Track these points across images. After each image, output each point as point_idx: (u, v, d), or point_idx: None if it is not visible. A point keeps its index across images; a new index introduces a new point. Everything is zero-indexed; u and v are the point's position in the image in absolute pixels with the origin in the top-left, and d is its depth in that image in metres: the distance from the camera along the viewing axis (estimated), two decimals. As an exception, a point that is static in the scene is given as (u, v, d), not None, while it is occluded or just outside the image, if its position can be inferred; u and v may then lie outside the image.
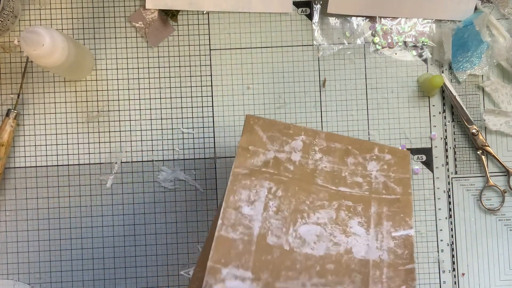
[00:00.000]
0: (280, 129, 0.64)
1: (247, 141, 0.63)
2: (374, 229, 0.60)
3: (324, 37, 0.77)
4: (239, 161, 0.62)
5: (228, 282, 0.56)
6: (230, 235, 0.58)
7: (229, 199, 0.60)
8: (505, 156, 0.77)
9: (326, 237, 0.59)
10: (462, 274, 0.76)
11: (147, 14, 0.76)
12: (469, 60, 0.76)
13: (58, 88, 0.76)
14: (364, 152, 0.63)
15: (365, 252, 0.58)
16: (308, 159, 0.63)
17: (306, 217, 0.60)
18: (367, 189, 0.62)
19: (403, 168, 0.63)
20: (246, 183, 0.61)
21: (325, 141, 0.64)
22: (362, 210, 0.61)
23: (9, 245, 0.75)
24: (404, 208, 0.61)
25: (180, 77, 0.76)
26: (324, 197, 0.61)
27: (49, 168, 0.75)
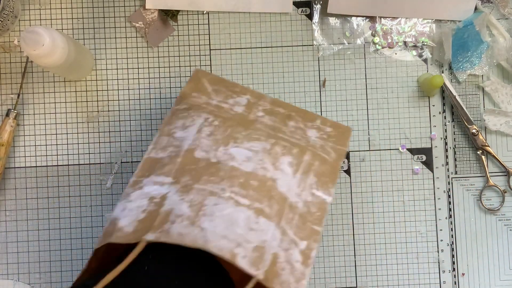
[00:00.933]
0: (227, 85, 0.62)
1: (191, 88, 0.61)
2: (300, 176, 0.58)
3: (324, 37, 0.77)
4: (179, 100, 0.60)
5: (146, 187, 0.55)
6: (159, 155, 0.57)
7: (163, 129, 0.58)
8: (505, 156, 0.77)
9: (255, 161, 0.57)
10: (462, 274, 0.76)
11: (147, 14, 0.76)
12: (469, 60, 0.76)
13: (58, 88, 0.76)
14: (307, 120, 0.62)
15: (286, 190, 0.57)
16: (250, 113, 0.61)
17: (239, 142, 0.58)
18: (305, 141, 0.61)
19: (342, 141, 0.62)
20: (183, 115, 0.59)
21: (270, 104, 0.62)
22: (296, 153, 0.59)
23: (9, 245, 0.75)
24: (330, 173, 0.60)
25: (180, 77, 0.76)
26: (262, 134, 0.59)
27: (49, 168, 0.75)
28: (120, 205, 0.55)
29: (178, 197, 0.53)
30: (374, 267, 0.75)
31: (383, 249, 0.75)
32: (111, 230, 0.53)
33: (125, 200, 0.55)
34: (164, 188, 0.55)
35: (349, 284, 0.75)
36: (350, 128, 0.63)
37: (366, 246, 0.75)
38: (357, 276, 0.75)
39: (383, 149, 0.76)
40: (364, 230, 0.76)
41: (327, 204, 0.58)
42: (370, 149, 0.76)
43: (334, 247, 0.75)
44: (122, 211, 0.54)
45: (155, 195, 0.54)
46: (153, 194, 0.54)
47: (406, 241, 0.76)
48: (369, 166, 0.76)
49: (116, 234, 0.52)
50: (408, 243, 0.76)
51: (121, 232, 0.52)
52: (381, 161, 0.76)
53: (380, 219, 0.76)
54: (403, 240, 0.76)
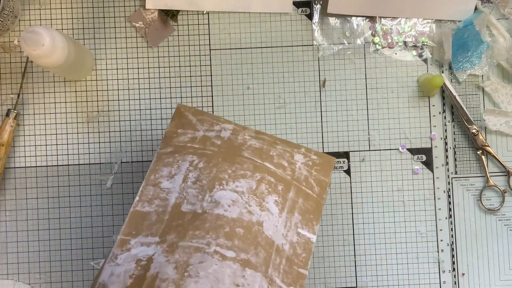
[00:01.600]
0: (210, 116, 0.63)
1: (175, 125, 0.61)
2: (286, 215, 0.58)
3: (324, 37, 0.77)
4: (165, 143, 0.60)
5: (133, 249, 0.55)
6: (145, 209, 0.57)
7: (149, 178, 0.58)
8: (505, 156, 0.77)
9: (241, 204, 0.57)
10: (462, 274, 0.76)
11: (147, 14, 0.76)
12: (469, 60, 0.76)
13: (58, 88, 0.76)
14: (292, 147, 0.62)
15: (273, 232, 0.57)
16: (238, 136, 0.61)
17: (225, 184, 0.58)
18: (290, 174, 0.60)
19: (325, 171, 0.62)
20: (169, 161, 0.59)
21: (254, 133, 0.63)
22: (282, 190, 0.59)
23: (9, 245, 0.75)
24: (314, 210, 0.60)
25: (180, 77, 0.76)
26: (248, 167, 0.59)
27: (49, 168, 0.75)
28: (108, 269, 0.55)
29: (164, 258, 0.54)
30: (374, 267, 0.75)
31: (383, 249, 0.75)
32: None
33: (113, 263, 0.55)
34: (150, 249, 0.55)
35: (349, 284, 0.75)
36: (333, 158, 0.63)
37: (366, 246, 0.75)
38: (357, 276, 0.75)
39: (383, 149, 0.76)
40: (364, 230, 0.76)
41: (312, 244, 0.58)
42: (370, 149, 0.76)
43: (334, 247, 0.75)
44: (110, 277, 0.54)
45: (142, 257, 0.54)
46: (140, 256, 0.55)
47: (406, 241, 0.76)
48: (369, 166, 0.76)
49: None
50: (408, 243, 0.76)
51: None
52: (381, 161, 0.76)
53: (380, 219, 0.76)
54: (403, 240, 0.76)
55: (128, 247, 0.56)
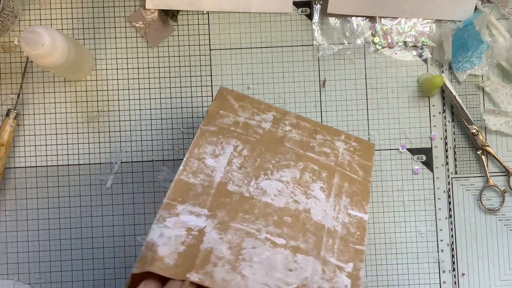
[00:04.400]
0: (252, 102, 0.64)
1: (218, 106, 0.62)
2: (333, 199, 0.60)
3: (324, 37, 0.77)
4: (208, 120, 0.61)
5: (182, 216, 0.55)
6: (191, 180, 0.57)
7: (193, 151, 0.59)
8: (505, 156, 0.77)
9: (287, 193, 0.58)
10: (462, 274, 0.76)
11: (147, 14, 0.76)
12: (469, 60, 0.76)
13: (58, 88, 0.76)
14: (332, 134, 0.64)
15: (322, 217, 0.58)
16: (278, 128, 0.63)
17: (270, 174, 0.59)
18: (334, 160, 0.62)
19: (367, 156, 0.64)
20: (213, 140, 0.60)
21: (295, 119, 0.64)
22: (326, 177, 0.61)
23: (9, 245, 0.75)
24: (362, 192, 0.61)
25: (180, 77, 0.76)
26: (291, 157, 0.61)
27: (49, 168, 0.75)
28: (156, 229, 0.54)
29: (217, 235, 0.54)
30: (374, 267, 0.75)
31: (383, 249, 0.75)
32: (150, 256, 0.52)
33: (162, 225, 0.54)
34: (201, 220, 0.55)
35: (349, 284, 0.75)
36: (373, 144, 0.64)
37: (366, 246, 0.75)
38: (357, 276, 0.75)
39: (383, 149, 0.76)
40: (364, 230, 0.76)
41: (365, 222, 0.60)
42: (370, 149, 0.76)
43: (334, 247, 0.75)
44: (160, 237, 0.53)
45: (192, 227, 0.54)
46: (190, 225, 0.54)
47: (406, 241, 0.76)
48: (369, 166, 0.76)
49: (157, 264, 0.52)
50: (408, 243, 0.76)
51: (162, 262, 0.52)
52: (381, 161, 0.76)
53: (380, 219, 0.76)
54: (403, 240, 0.76)
55: (176, 212, 0.55)
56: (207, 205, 0.56)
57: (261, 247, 0.54)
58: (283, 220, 0.57)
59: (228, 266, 0.52)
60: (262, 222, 0.56)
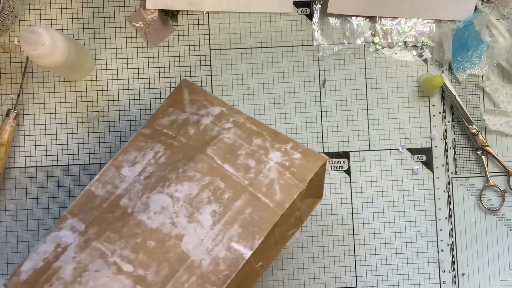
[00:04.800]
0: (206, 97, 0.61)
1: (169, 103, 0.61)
2: (220, 227, 0.54)
3: (324, 37, 0.77)
4: (149, 122, 0.60)
5: (63, 231, 0.56)
6: (97, 192, 0.57)
7: (117, 157, 0.59)
8: (505, 156, 0.77)
9: (168, 213, 0.55)
10: (462, 274, 0.76)
11: (147, 14, 0.76)
12: (469, 60, 0.76)
13: (58, 88, 0.76)
14: (276, 141, 0.57)
15: (193, 247, 0.54)
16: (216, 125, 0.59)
17: (166, 186, 0.56)
18: (251, 178, 0.56)
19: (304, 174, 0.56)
20: (141, 145, 0.59)
21: (244, 119, 0.59)
22: (227, 199, 0.55)
23: (9, 245, 0.75)
24: (263, 222, 0.54)
25: (180, 77, 0.76)
26: (201, 168, 0.57)
27: (49, 168, 0.75)
28: (40, 242, 0.56)
29: (73, 253, 0.55)
30: (374, 267, 0.75)
31: (383, 249, 0.75)
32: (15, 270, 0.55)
33: (44, 238, 0.56)
34: (72, 237, 0.56)
35: (349, 284, 0.75)
36: (323, 159, 0.56)
37: (366, 246, 0.75)
38: (357, 276, 0.75)
39: (383, 149, 0.76)
40: (364, 230, 0.76)
41: (243, 260, 0.53)
42: (370, 149, 0.76)
43: (334, 247, 0.75)
44: (33, 251, 0.56)
45: (62, 243, 0.56)
46: (62, 241, 0.56)
47: (406, 241, 0.76)
48: (369, 166, 0.76)
49: (13, 278, 0.55)
50: (408, 243, 0.76)
51: (17, 277, 0.55)
52: (381, 161, 0.76)
53: (380, 219, 0.76)
54: (403, 240, 0.76)
55: (62, 226, 0.56)
56: (88, 220, 0.56)
57: (104, 271, 0.54)
58: (145, 244, 0.54)
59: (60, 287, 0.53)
60: (122, 243, 0.54)
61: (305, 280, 0.75)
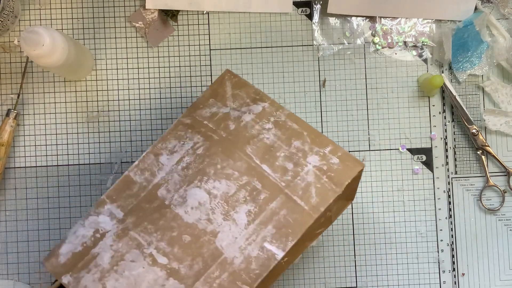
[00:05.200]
0: (249, 91, 0.60)
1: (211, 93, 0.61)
2: (254, 226, 0.55)
3: (324, 37, 0.77)
4: (189, 111, 0.60)
5: (101, 216, 0.57)
6: (135, 178, 0.58)
7: (156, 145, 0.59)
8: (505, 156, 0.77)
9: (205, 209, 0.56)
10: (462, 274, 0.76)
11: (147, 14, 0.76)
12: (469, 60, 0.76)
13: (58, 88, 0.76)
14: (315, 144, 0.58)
15: (227, 244, 0.55)
16: (257, 124, 0.59)
17: (204, 181, 0.57)
18: (287, 181, 0.56)
19: (341, 179, 0.56)
20: (181, 134, 0.59)
21: (285, 117, 0.59)
22: (263, 199, 0.56)
23: (9, 245, 0.75)
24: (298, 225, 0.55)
25: (180, 77, 0.76)
26: (240, 167, 0.57)
27: (49, 168, 0.75)
28: (76, 225, 0.57)
29: (110, 241, 0.56)
30: (374, 267, 0.75)
31: (383, 249, 0.75)
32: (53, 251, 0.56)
33: (82, 221, 0.57)
34: (110, 224, 0.56)
35: (349, 284, 0.75)
36: (362, 165, 0.57)
37: (366, 246, 0.75)
38: (357, 276, 0.75)
39: (383, 149, 0.76)
40: (364, 230, 0.76)
41: (275, 261, 0.54)
42: (370, 149, 0.76)
43: (334, 247, 0.75)
44: (72, 234, 0.57)
45: (100, 229, 0.56)
46: (100, 226, 0.56)
47: (406, 241, 0.76)
48: (369, 166, 0.76)
49: (51, 260, 0.56)
50: (408, 243, 0.76)
51: (56, 259, 0.56)
52: (381, 161, 0.76)
53: (380, 219, 0.76)
54: (403, 240, 0.76)
55: (100, 211, 0.57)
56: (127, 209, 0.57)
57: (139, 261, 0.55)
58: (180, 238, 0.55)
59: (97, 275, 0.54)
60: (158, 235, 0.55)
61: (305, 280, 0.75)
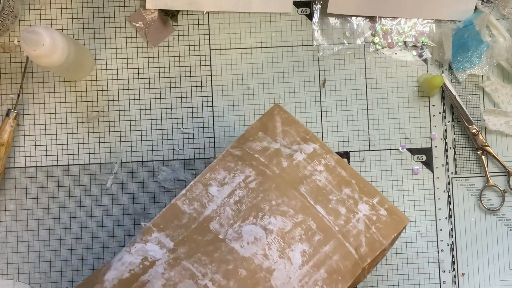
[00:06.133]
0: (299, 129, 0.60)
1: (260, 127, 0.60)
2: (309, 268, 0.54)
3: (324, 37, 0.77)
4: (239, 142, 0.59)
5: (149, 244, 0.55)
6: (183, 207, 0.57)
7: (205, 174, 0.58)
8: (505, 156, 0.77)
9: (261, 244, 0.54)
10: (462, 274, 0.76)
11: (147, 14, 0.76)
12: (469, 60, 0.76)
13: (58, 88, 0.76)
14: (363, 193, 0.58)
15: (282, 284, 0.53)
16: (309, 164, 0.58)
17: (260, 217, 0.56)
18: (341, 224, 0.56)
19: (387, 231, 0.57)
20: (230, 166, 0.58)
21: (335, 162, 0.59)
22: (317, 241, 0.55)
23: (9, 245, 0.75)
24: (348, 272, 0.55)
25: (180, 77, 0.76)
26: (295, 205, 0.56)
27: (49, 168, 0.75)
28: (122, 252, 0.56)
29: (162, 269, 0.54)
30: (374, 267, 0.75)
31: (383, 249, 0.75)
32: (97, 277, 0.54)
33: (128, 249, 0.55)
34: (160, 252, 0.55)
35: (349, 284, 0.75)
36: (406, 220, 0.57)
37: (366, 246, 0.75)
38: (357, 276, 0.75)
39: (383, 149, 0.76)
40: (364, 230, 0.76)
41: None
42: (370, 149, 0.76)
43: (334, 247, 0.75)
44: (118, 261, 0.55)
45: (149, 257, 0.55)
46: (149, 254, 0.55)
47: (406, 241, 0.76)
48: (369, 166, 0.76)
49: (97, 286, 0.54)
50: (408, 243, 0.76)
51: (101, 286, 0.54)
52: (381, 161, 0.76)
53: (380, 219, 0.76)
54: (403, 240, 0.76)
55: (148, 239, 0.55)
56: (177, 239, 0.55)
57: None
58: (236, 272, 0.53)
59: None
60: (213, 267, 0.54)
61: (305, 280, 0.75)
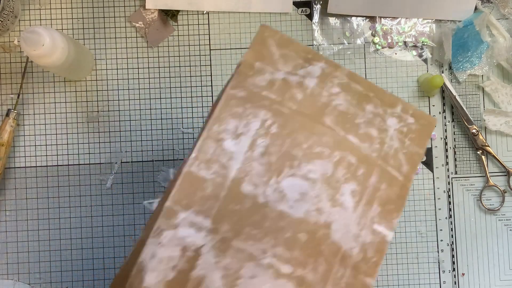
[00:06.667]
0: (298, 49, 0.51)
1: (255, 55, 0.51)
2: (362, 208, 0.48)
3: (324, 37, 0.77)
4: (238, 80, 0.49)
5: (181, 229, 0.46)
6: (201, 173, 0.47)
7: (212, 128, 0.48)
8: (505, 156, 0.77)
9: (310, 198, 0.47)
10: (462, 274, 0.76)
11: (147, 14, 0.76)
12: (469, 60, 0.76)
13: (58, 88, 0.76)
14: (386, 105, 0.51)
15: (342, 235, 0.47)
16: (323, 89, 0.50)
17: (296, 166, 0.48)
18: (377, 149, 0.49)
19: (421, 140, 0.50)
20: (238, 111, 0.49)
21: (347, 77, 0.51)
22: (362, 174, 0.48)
23: (9, 245, 0.75)
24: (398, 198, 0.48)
25: (180, 77, 0.76)
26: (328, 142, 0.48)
27: (49, 168, 0.75)
28: (151, 246, 0.46)
29: (213, 257, 0.46)
30: (374, 267, 0.75)
31: (383, 249, 0.75)
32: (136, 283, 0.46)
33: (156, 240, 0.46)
34: (200, 236, 0.46)
35: (349, 284, 0.75)
36: (434, 120, 0.51)
37: (366, 246, 0.75)
38: (357, 276, 0.75)
39: (383, 149, 0.76)
40: (364, 230, 0.76)
41: (387, 244, 0.47)
42: (370, 149, 0.76)
43: (334, 247, 0.75)
44: (151, 259, 0.46)
45: (189, 245, 0.46)
46: (187, 242, 0.46)
47: (406, 241, 0.76)
48: (369, 166, 0.76)
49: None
50: (408, 243, 0.76)
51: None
52: (381, 161, 0.76)
53: (380, 219, 0.76)
54: (403, 240, 0.76)
55: (175, 223, 0.46)
56: (212, 214, 0.46)
57: (261, 276, 0.45)
58: (296, 238, 0.46)
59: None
60: (270, 240, 0.46)
61: (305, 280, 0.75)
